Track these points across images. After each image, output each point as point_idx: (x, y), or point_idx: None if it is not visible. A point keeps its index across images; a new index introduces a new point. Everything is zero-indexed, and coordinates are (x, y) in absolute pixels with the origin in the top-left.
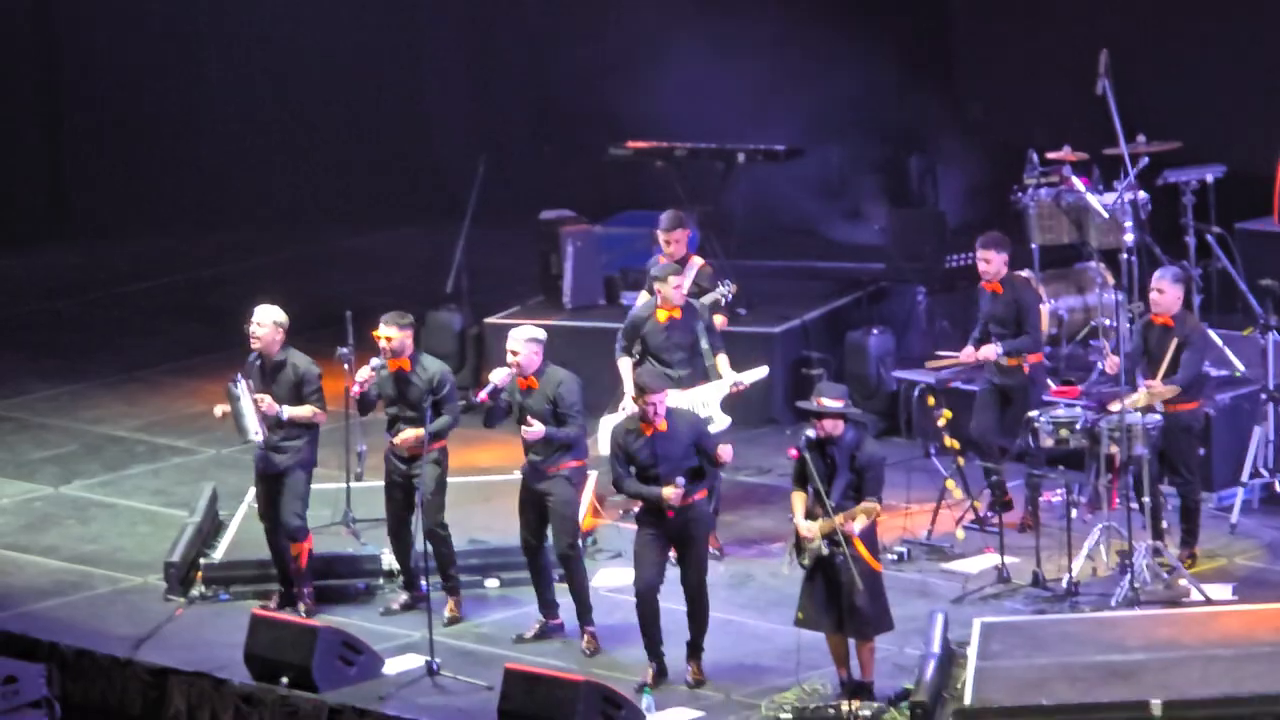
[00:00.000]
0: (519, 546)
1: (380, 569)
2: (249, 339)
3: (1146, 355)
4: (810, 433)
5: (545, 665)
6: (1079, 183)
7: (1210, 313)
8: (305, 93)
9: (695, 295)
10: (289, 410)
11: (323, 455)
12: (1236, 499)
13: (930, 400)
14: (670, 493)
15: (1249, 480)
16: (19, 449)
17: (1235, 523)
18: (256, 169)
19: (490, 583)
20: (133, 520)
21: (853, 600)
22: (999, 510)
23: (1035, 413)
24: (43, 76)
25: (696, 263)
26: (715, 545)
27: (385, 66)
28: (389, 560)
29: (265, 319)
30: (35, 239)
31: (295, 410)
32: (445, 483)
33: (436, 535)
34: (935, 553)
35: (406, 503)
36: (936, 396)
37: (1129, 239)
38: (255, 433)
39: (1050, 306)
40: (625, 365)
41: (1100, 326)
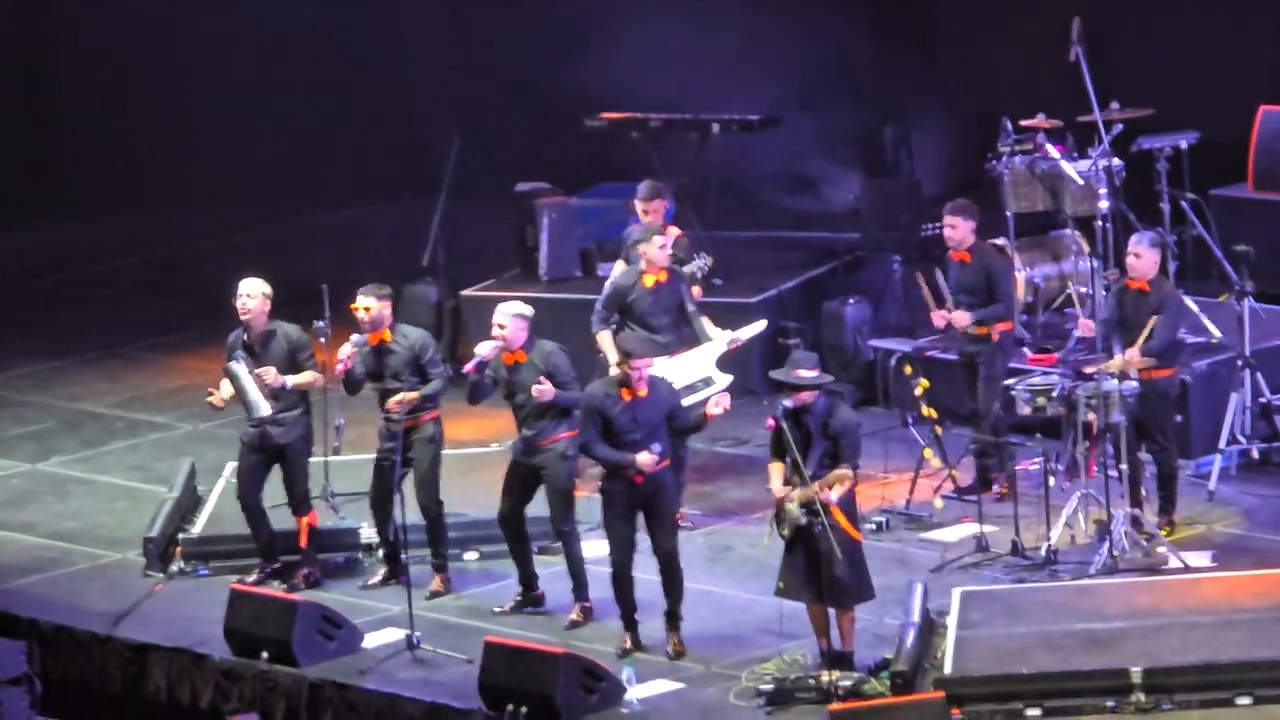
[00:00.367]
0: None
1: (359, 543)
2: (238, 313)
3: (1122, 322)
4: (787, 402)
5: (526, 638)
6: (1053, 150)
7: (1185, 279)
8: (282, 69)
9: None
10: (292, 379)
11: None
12: (1214, 466)
13: (907, 369)
14: (646, 459)
15: (1226, 447)
16: None
17: (1213, 490)
18: (234, 145)
19: (470, 555)
20: (111, 496)
21: (832, 570)
22: (980, 486)
23: (1012, 380)
24: (23, 55)
25: (673, 233)
26: (682, 517)
27: (362, 41)
28: (368, 534)
29: (255, 290)
30: (14, 217)
31: (297, 378)
32: (440, 458)
33: (431, 511)
34: (914, 522)
35: (393, 478)
36: (913, 365)
37: (1104, 206)
38: (264, 409)
39: (1026, 274)
40: (605, 337)
41: (1076, 294)
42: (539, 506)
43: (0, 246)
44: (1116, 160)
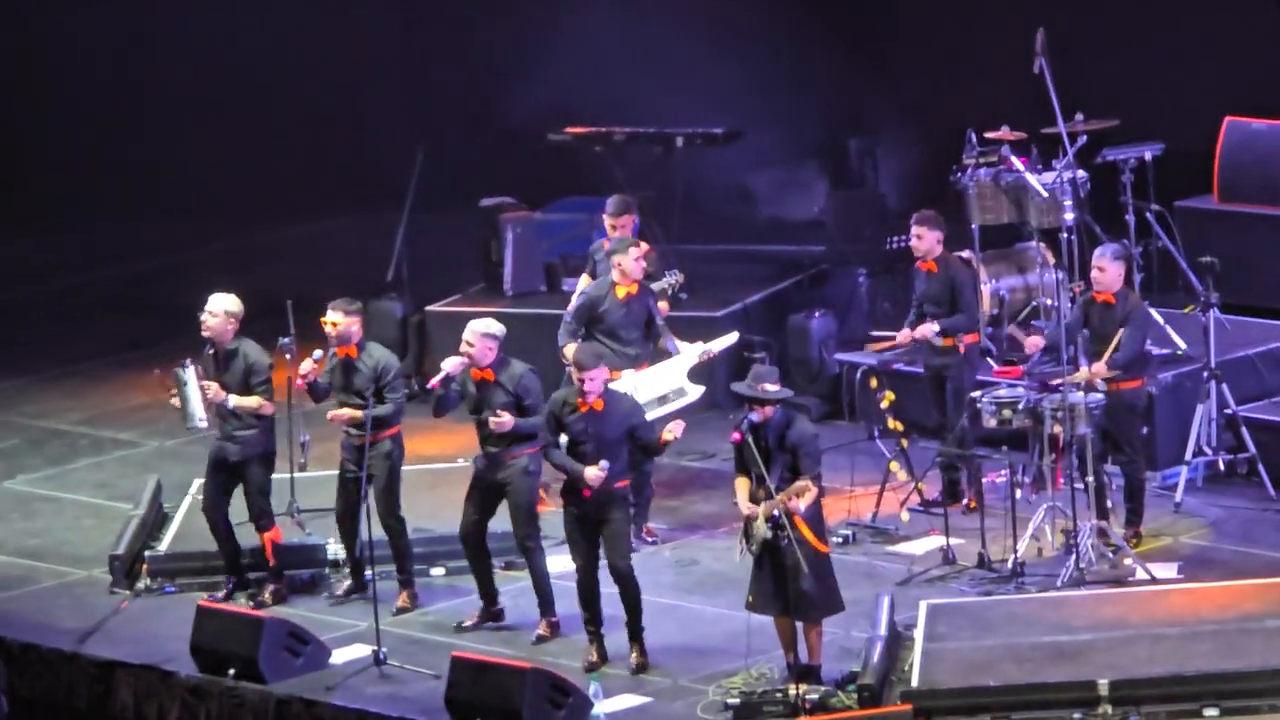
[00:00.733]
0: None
1: (326, 559)
2: (201, 326)
3: (1091, 334)
4: (753, 416)
5: (492, 653)
6: (1018, 162)
7: (1151, 291)
8: (244, 84)
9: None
10: (235, 399)
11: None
12: (1180, 478)
13: (873, 382)
14: (592, 474)
15: (1193, 459)
16: None
17: (1179, 501)
18: (197, 161)
19: (436, 571)
20: (77, 514)
21: (799, 584)
22: (947, 499)
23: (978, 393)
24: None
25: (642, 247)
26: (649, 533)
27: (323, 56)
28: (334, 550)
29: (217, 308)
30: None
31: (241, 400)
32: (399, 474)
33: (392, 527)
34: (880, 535)
35: (359, 493)
36: (879, 379)
37: (1069, 218)
38: (200, 419)
39: (991, 287)
40: (573, 350)
41: (1041, 306)
42: (504, 522)
43: None
44: (1081, 172)
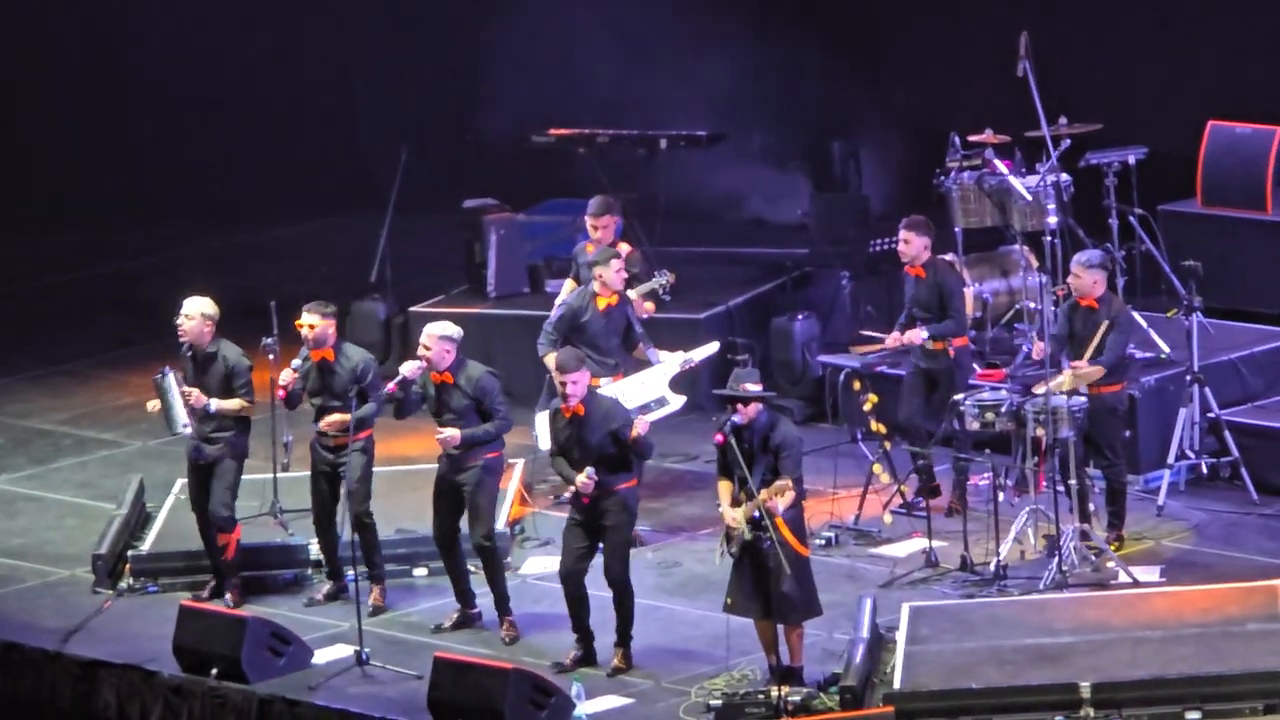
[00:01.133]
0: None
1: (308, 559)
2: (178, 331)
3: (1072, 338)
4: (736, 418)
5: (474, 654)
6: (1001, 165)
7: (1134, 295)
8: (229, 83)
9: (626, 282)
10: (216, 403)
11: (249, 446)
12: (1163, 481)
13: (856, 385)
14: (580, 481)
15: (1175, 462)
16: None
17: (1162, 505)
18: (181, 161)
19: (418, 571)
20: (60, 513)
21: (780, 586)
22: (926, 496)
23: (961, 396)
24: None
25: (624, 249)
26: (635, 537)
27: (308, 56)
28: (316, 550)
29: (193, 310)
30: None
31: (223, 403)
32: (371, 472)
33: (362, 524)
34: (863, 537)
35: (332, 493)
36: (862, 381)
37: (1052, 221)
38: (184, 425)
39: (974, 290)
40: (553, 360)
41: (1024, 309)
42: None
43: None
44: (1065, 175)
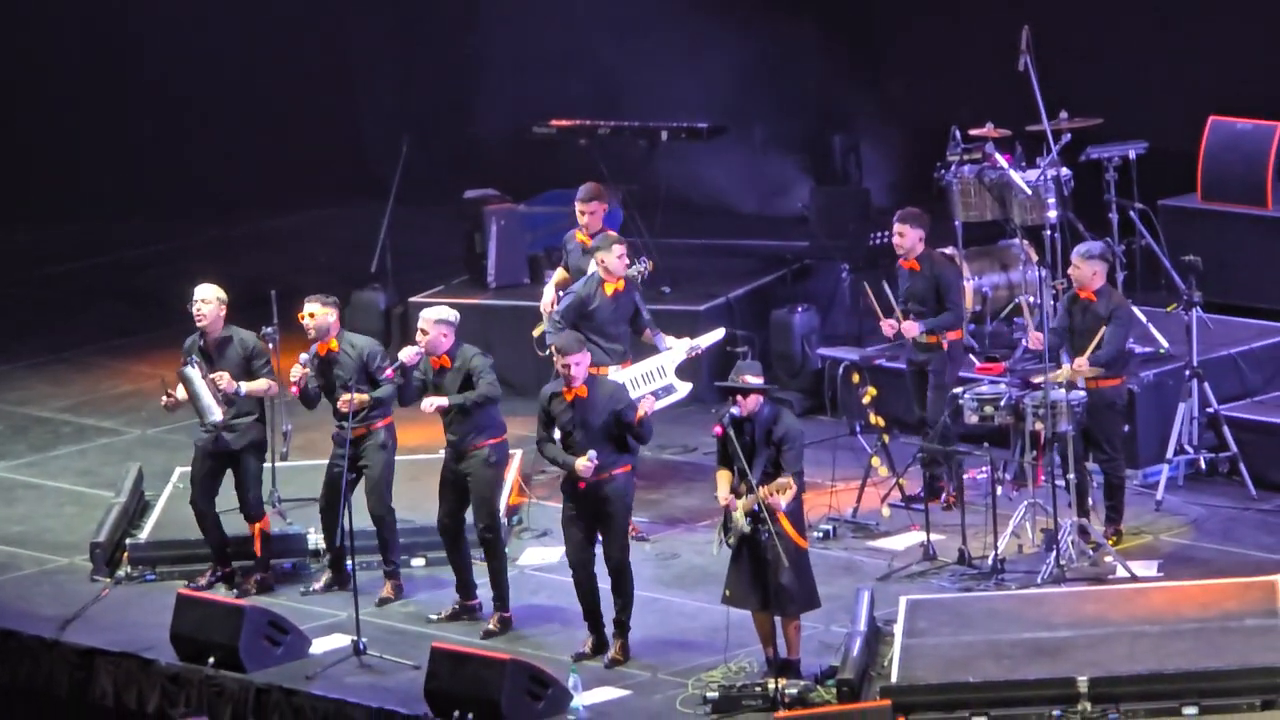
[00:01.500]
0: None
1: (307, 549)
2: (194, 319)
3: (1071, 331)
4: (734, 410)
5: (472, 644)
6: (1002, 159)
7: (1134, 289)
8: (231, 73)
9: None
10: (246, 385)
11: None
12: (1161, 476)
13: (855, 378)
14: (582, 465)
15: (1174, 457)
16: None
17: (1160, 499)
18: (181, 150)
19: (416, 562)
20: (59, 501)
21: (778, 578)
22: (929, 495)
23: (960, 390)
24: None
25: (612, 236)
26: (634, 530)
27: (309, 46)
28: (315, 540)
29: (210, 296)
30: None
31: (251, 385)
32: (393, 465)
33: (382, 518)
34: (861, 530)
35: (346, 485)
36: (861, 374)
37: (1052, 216)
38: (215, 413)
39: (974, 283)
40: None
41: (1024, 303)
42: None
43: None
44: (1065, 170)
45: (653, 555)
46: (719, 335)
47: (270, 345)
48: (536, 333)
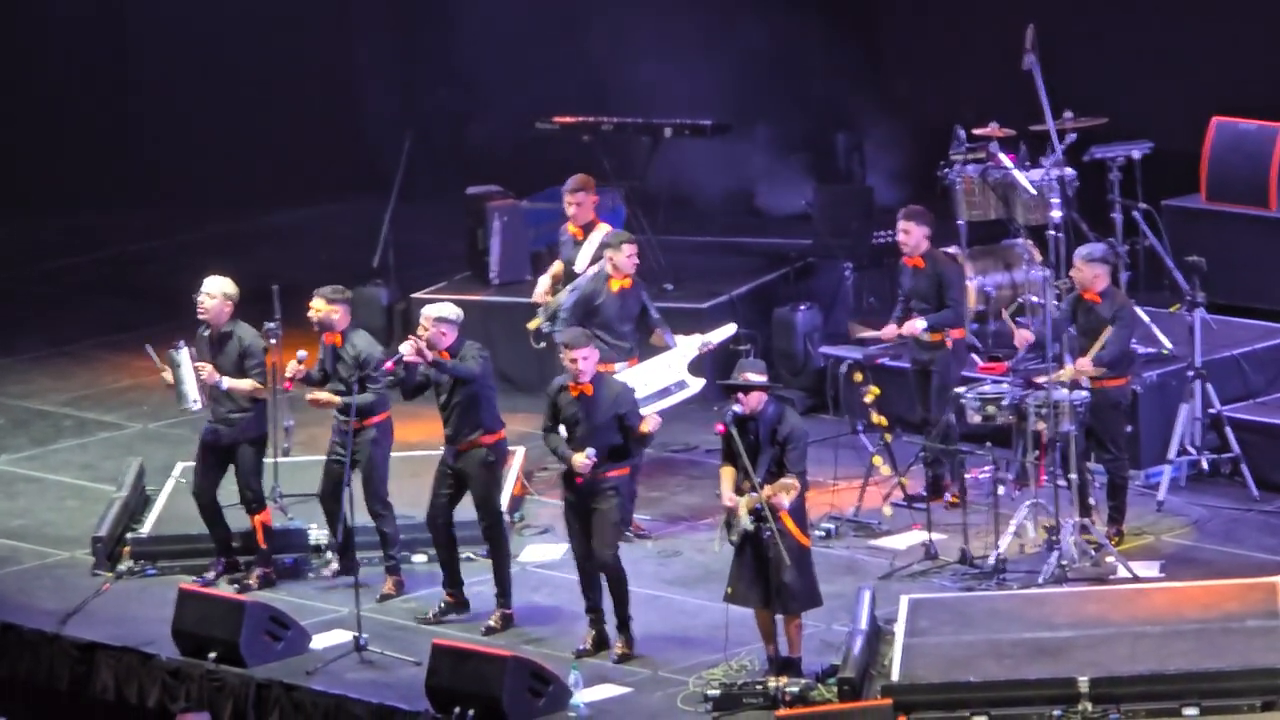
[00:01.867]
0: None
1: (308, 544)
2: (197, 308)
3: (1076, 331)
4: (737, 408)
5: (473, 641)
6: (1006, 159)
7: (1137, 290)
8: (232, 68)
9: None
10: (229, 381)
11: None
12: (1164, 476)
13: (858, 376)
14: (579, 460)
15: (1176, 458)
16: None
17: (1162, 500)
18: (184, 144)
19: (417, 558)
20: (60, 495)
21: (780, 576)
22: (931, 494)
23: (962, 389)
24: None
25: (603, 229)
26: (636, 528)
27: (312, 42)
28: (317, 535)
29: (215, 289)
30: None
31: (235, 382)
32: (385, 461)
33: (377, 513)
34: (863, 529)
35: (341, 477)
36: (864, 373)
37: (1056, 215)
38: (194, 400)
39: (977, 283)
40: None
41: (1027, 303)
42: (470, 511)
43: None
44: (1069, 170)
45: (654, 553)
46: (730, 330)
47: (273, 340)
48: (532, 326)
